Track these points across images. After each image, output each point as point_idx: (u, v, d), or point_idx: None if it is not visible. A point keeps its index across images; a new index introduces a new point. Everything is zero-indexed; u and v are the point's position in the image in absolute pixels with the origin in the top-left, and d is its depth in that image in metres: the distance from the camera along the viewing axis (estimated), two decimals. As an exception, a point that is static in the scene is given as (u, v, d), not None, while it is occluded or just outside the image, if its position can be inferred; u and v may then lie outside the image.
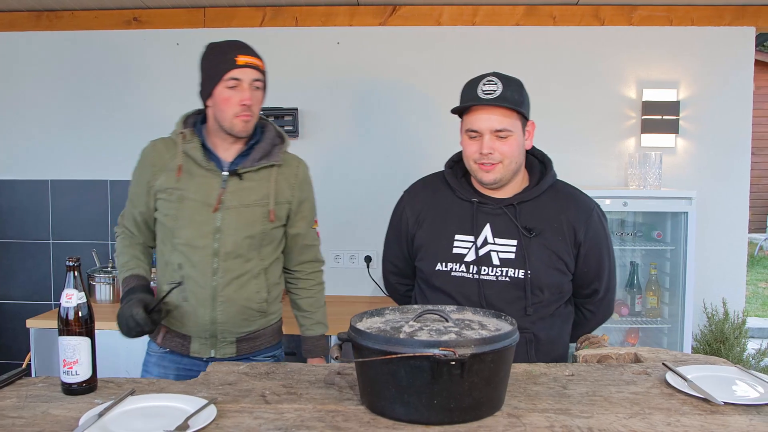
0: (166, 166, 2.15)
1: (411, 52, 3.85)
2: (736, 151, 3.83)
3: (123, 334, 2.06)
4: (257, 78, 2.09)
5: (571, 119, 3.84)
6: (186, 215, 2.13)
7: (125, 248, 2.26)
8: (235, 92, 2.05)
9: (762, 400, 1.53)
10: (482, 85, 1.91)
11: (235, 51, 2.06)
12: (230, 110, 2.06)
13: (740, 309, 3.75)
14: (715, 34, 3.79)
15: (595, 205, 2.07)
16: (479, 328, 1.51)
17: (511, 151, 1.94)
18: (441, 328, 1.49)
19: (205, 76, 2.12)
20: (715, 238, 3.79)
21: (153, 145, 2.22)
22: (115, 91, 3.90)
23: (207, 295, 2.15)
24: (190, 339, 2.21)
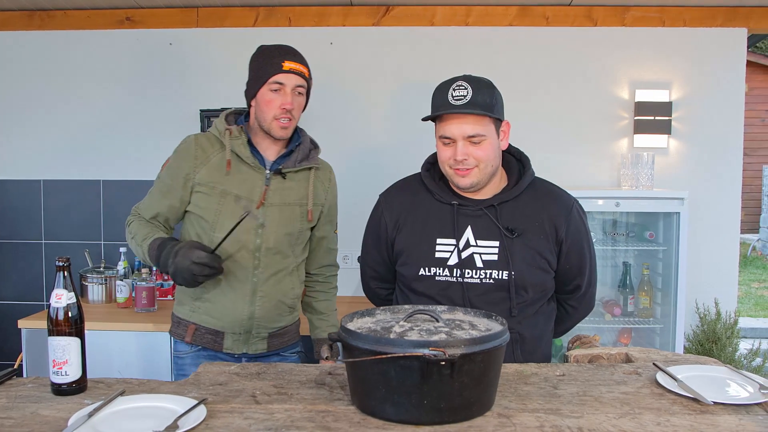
0: (208, 160, 2.19)
1: (404, 53, 3.85)
2: (728, 152, 3.84)
3: (188, 286, 2.09)
4: (300, 84, 2.16)
5: (564, 120, 3.84)
6: (229, 210, 2.17)
7: (141, 226, 2.24)
8: (278, 96, 2.13)
9: (751, 399, 1.53)
10: (452, 90, 1.91)
11: (283, 56, 2.14)
12: (271, 112, 2.14)
13: (732, 309, 3.77)
14: (707, 35, 3.80)
15: (574, 201, 2.07)
16: (470, 328, 1.51)
17: (485, 155, 1.92)
18: (431, 328, 1.49)
19: (252, 76, 2.20)
20: (708, 239, 3.80)
21: (195, 138, 2.24)
22: (107, 91, 3.89)
23: (247, 290, 2.23)
24: (223, 335, 2.25)
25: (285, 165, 2.24)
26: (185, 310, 2.30)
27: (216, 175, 2.18)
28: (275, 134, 2.18)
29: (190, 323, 2.27)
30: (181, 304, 2.32)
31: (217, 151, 2.20)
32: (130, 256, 3.72)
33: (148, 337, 3.22)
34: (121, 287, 3.51)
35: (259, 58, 2.20)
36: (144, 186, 3.84)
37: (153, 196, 2.28)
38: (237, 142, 2.19)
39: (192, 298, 2.27)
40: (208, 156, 2.20)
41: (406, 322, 1.54)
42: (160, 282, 3.62)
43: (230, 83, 3.83)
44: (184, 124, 3.84)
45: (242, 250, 2.20)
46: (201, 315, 2.26)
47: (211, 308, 2.24)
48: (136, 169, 3.89)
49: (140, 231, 2.21)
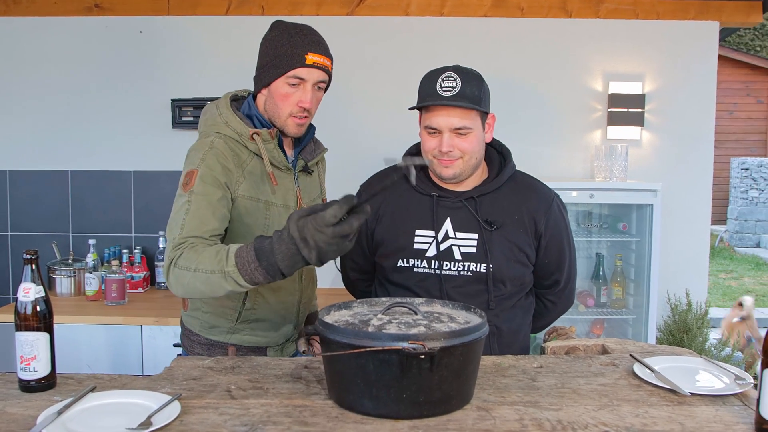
0: (244, 170, 1.88)
1: (378, 43, 3.82)
2: (699, 144, 3.88)
3: (336, 256, 1.52)
4: (322, 80, 1.90)
5: (538, 111, 3.85)
6: (276, 222, 1.93)
7: (199, 250, 1.68)
8: (296, 91, 1.87)
9: (727, 390, 1.54)
10: (441, 81, 1.86)
11: (306, 46, 1.85)
12: (286, 109, 1.89)
13: (703, 300, 3.82)
14: (680, 28, 3.83)
15: (554, 196, 2.06)
16: (448, 320, 1.50)
17: (471, 147, 1.91)
18: (410, 321, 1.47)
19: (267, 63, 1.90)
20: (679, 230, 3.84)
21: (224, 142, 1.87)
22: (76, 80, 3.80)
23: (295, 301, 2.06)
24: (266, 350, 2.05)
25: (305, 158, 2.05)
26: (220, 333, 2.01)
27: (255, 188, 1.90)
28: (289, 132, 1.92)
29: (230, 345, 2.01)
30: (211, 326, 2.02)
31: (248, 157, 1.90)
32: (99, 248, 3.65)
33: (118, 331, 3.16)
34: (91, 280, 3.44)
35: (277, 42, 1.88)
36: (114, 177, 3.81)
37: (200, 210, 1.76)
38: (270, 147, 1.91)
39: (231, 320, 1.99)
40: (243, 165, 1.88)
41: (384, 314, 1.52)
42: (130, 274, 3.56)
43: (202, 72, 3.77)
44: (155, 114, 3.78)
45: None
46: (243, 336, 2.01)
47: (257, 327, 2.01)
48: (105, 159, 3.81)
49: (202, 257, 1.64)
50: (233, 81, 3.78)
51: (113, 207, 3.83)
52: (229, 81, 3.75)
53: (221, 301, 1.97)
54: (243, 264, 1.54)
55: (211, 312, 2.01)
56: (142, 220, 3.82)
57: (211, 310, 2.01)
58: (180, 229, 1.73)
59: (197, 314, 2.04)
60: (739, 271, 8.88)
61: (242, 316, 1.98)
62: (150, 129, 3.80)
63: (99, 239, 3.70)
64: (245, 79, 3.73)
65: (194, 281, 1.62)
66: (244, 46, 3.80)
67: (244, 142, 1.89)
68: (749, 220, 10.26)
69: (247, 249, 1.55)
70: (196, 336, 2.05)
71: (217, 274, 1.58)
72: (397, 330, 1.40)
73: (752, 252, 9.84)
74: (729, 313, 4.32)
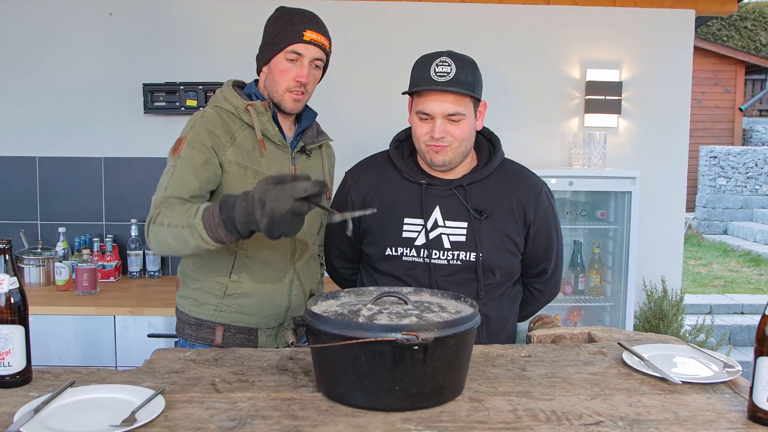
0: (234, 138, 1.96)
1: (355, 27, 3.76)
2: (675, 132, 3.90)
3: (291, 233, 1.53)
4: (319, 57, 1.98)
5: (516, 98, 3.83)
6: None
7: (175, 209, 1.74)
8: (294, 66, 1.95)
9: (717, 378, 1.54)
10: (435, 66, 1.82)
11: (304, 24, 1.94)
12: (284, 83, 1.96)
13: (678, 287, 3.85)
14: (656, 16, 3.83)
15: (543, 184, 2.04)
16: (440, 310, 1.47)
17: (462, 134, 1.87)
18: (401, 311, 1.44)
19: (267, 41, 1.99)
20: (655, 218, 3.86)
21: (216, 111, 1.98)
22: (43, 63, 3.68)
23: (286, 280, 2.06)
24: (257, 332, 2.05)
25: (306, 141, 2.09)
26: (208, 311, 2.02)
27: (244, 156, 1.95)
28: (286, 107, 1.99)
29: (217, 324, 2.01)
30: (199, 303, 2.03)
31: (240, 128, 1.97)
32: (69, 237, 3.55)
33: (91, 321, 3.08)
34: (61, 269, 3.34)
35: (277, 21, 1.97)
36: (84, 163, 3.70)
37: (183, 173, 1.85)
38: (263, 119, 1.98)
39: (218, 296, 2.01)
40: (233, 134, 1.96)
41: (374, 304, 1.48)
42: (101, 263, 3.47)
43: (175, 57, 3.68)
44: (126, 98, 3.67)
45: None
46: (230, 314, 2.01)
47: (244, 304, 2.01)
48: (74, 145, 3.70)
49: (175, 213, 1.72)
50: (206, 65, 3.73)
51: (83, 194, 3.72)
52: (202, 65, 3.69)
53: (209, 276, 2.01)
54: (208, 218, 1.62)
55: (199, 288, 2.03)
56: (114, 207, 3.72)
57: (199, 286, 2.03)
58: (164, 190, 1.83)
59: (187, 292, 2.06)
60: (707, 257, 9.01)
61: (228, 289, 2.00)
62: (121, 114, 3.70)
63: (69, 227, 3.60)
64: (220, 63, 3.68)
65: (166, 236, 1.72)
66: (219, 30, 3.73)
67: (239, 115, 1.98)
68: (717, 208, 10.42)
69: (215, 204, 1.63)
70: (185, 316, 2.06)
71: (185, 228, 1.66)
72: (389, 320, 1.36)
73: (720, 239, 9.99)
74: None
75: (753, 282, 7.68)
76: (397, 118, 2.38)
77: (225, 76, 3.60)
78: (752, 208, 10.35)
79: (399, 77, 2.00)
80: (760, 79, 13.32)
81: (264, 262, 2.01)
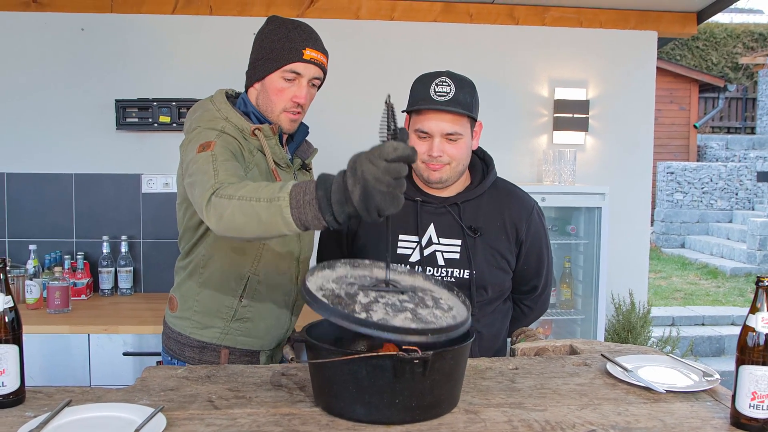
0: (248, 164, 1.85)
1: (328, 46, 3.78)
2: (639, 149, 4.02)
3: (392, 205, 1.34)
4: (318, 76, 1.92)
5: (486, 115, 3.81)
6: None
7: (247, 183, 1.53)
8: (291, 86, 1.87)
9: (698, 386, 1.60)
10: (435, 85, 1.87)
11: (305, 42, 1.86)
12: (280, 104, 1.88)
13: (644, 299, 3.95)
14: (620, 37, 3.96)
15: (534, 203, 2.09)
16: (433, 305, 1.43)
17: (459, 153, 1.91)
18: (396, 303, 1.38)
19: (262, 56, 1.88)
20: (622, 232, 3.96)
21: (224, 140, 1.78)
22: (12, 79, 3.63)
23: (290, 302, 2.04)
24: (258, 354, 2.02)
25: (302, 156, 2.05)
26: (214, 334, 1.96)
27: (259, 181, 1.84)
28: (283, 128, 1.92)
29: (222, 347, 1.96)
30: (203, 326, 1.97)
31: (250, 153, 1.86)
32: (40, 254, 3.49)
33: (63, 340, 3.03)
34: (31, 287, 3.29)
35: (273, 36, 1.87)
36: (54, 179, 3.65)
37: (228, 162, 1.67)
38: (272, 143, 1.89)
39: (225, 319, 1.95)
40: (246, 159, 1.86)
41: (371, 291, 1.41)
42: (73, 281, 3.42)
43: (148, 72, 3.66)
44: (98, 114, 3.64)
45: (287, 259, 1.98)
46: (237, 336, 1.97)
47: (251, 328, 1.97)
48: (44, 161, 3.65)
49: (248, 187, 1.49)
50: (179, 81, 3.72)
51: (53, 211, 3.67)
52: (175, 81, 3.68)
53: (217, 299, 1.95)
54: (298, 193, 1.38)
55: (203, 312, 1.97)
56: (84, 224, 3.67)
57: (203, 310, 1.97)
58: (213, 176, 1.60)
59: (188, 314, 1.99)
60: (667, 270, 9.22)
61: (238, 313, 1.96)
62: (92, 130, 3.67)
63: (39, 245, 3.54)
64: (193, 79, 3.67)
65: (235, 210, 1.46)
66: (191, 46, 3.72)
67: (246, 138, 1.86)
68: (674, 222, 10.69)
69: (309, 180, 1.42)
70: (185, 338, 1.99)
71: (263, 202, 1.41)
72: (384, 313, 1.31)
73: (678, 252, 10.25)
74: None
75: (711, 294, 7.89)
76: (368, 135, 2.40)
77: (199, 92, 3.63)
78: (708, 222, 10.65)
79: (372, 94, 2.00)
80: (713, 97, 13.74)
81: (273, 287, 1.98)
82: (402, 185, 1.33)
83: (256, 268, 1.95)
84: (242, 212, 1.44)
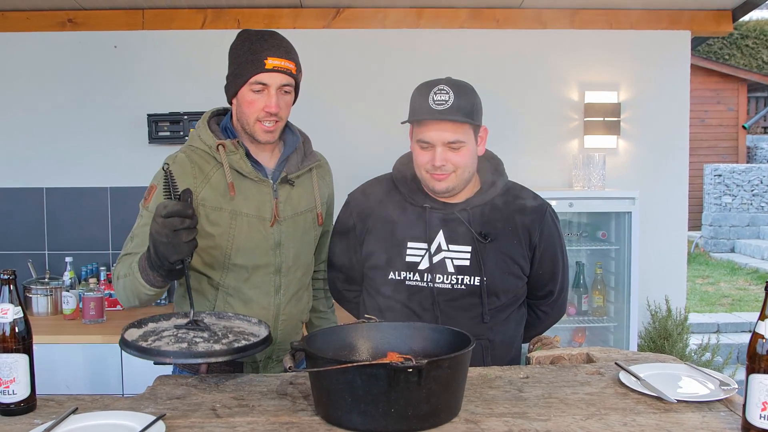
0: (208, 180, 1.91)
1: (356, 55, 3.83)
2: (675, 151, 3.93)
3: (179, 253, 1.61)
4: (286, 83, 1.90)
5: (515, 121, 3.87)
6: (244, 232, 1.93)
7: (126, 262, 1.82)
8: (261, 96, 1.88)
9: (712, 396, 1.55)
10: (433, 94, 1.82)
11: (266, 51, 1.86)
12: (253, 115, 1.90)
13: (682, 306, 3.85)
14: (652, 38, 3.89)
15: (547, 206, 2.04)
16: (217, 340, 1.60)
17: (464, 161, 1.87)
18: (185, 336, 1.58)
19: (232, 72, 1.93)
20: (657, 237, 3.88)
21: (187, 155, 1.93)
22: (50, 96, 3.75)
23: (270, 316, 2.01)
24: (242, 365, 2.02)
25: (289, 170, 2.01)
26: None
27: (219, 197, 1.91)
28: (259, 138, 1.93)
29: None
30: None
31: (213, 168, 1.92)
32: (76, 266, 3.59)
33: (97, 350, 3.12)
34: (68, 298, 3.38)
35: (239, 51, 1.90)
36: (90, 193, 3.75)
37: (146, 227, 1.78)
38: (235, 158, 1.92)
39: None
40: (207, 174, 1.91)
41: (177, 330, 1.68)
42: (108, 292, 3.50)
43: (178, 87, 3.75)
44: (131, 129, 3.74)
45: (260, 272, 1.98)
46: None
47: None
48: (80, 175, 3.77)
49: (124, 265, 1.82)
50: (209, 95, 3.76)
51: (90, 224, 3.78)
52: (206, 95, 3.73)
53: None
54: (141, 260, 1.71)
55: None
56: (120, 236, 3.76)
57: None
58: (128, 244, 1.89)
59: None
60: (715, 276, 8.97)
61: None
62: (126, 144, 3.77)
63: (76, 257, 3.65)
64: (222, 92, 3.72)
65: (120, 288, 1.82)
66: (221, 60, 3.77)
67: (213, 154, 1.93)
68: (723, 226, 10.40)
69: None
70: None
71: (129, 276, 1.75)
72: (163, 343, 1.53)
73: (727, 257, 9.96)
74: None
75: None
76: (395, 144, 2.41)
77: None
78: (759, 226, 10.32)
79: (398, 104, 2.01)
80: (763, 97, 13.34)
81: (246, 301, 1.98)
82: (181, 236, 1.59)
83: (224, 280, 1.97)
84: (124, 287, 1.80)
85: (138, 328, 1.72)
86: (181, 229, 1.59)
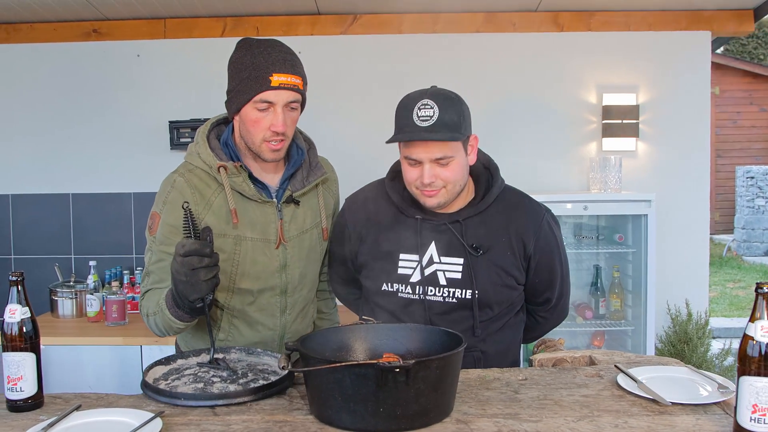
0: (210, 205, 1.83)
1: (373, 61, 3.86)
2: (695, 153, 3.88)
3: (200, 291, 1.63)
4: (293, 100, 1.80)
5: (533, 124, 3.86)
6: (248, 257, 1.87)
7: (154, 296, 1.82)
8: (266, 114, 1.78)
9: (709, 399, 1.55)
10: (417, 110, 1.75)
11: (271, 67, 1.75)
12: (259, 134, 1.80)
13: (703, 310, 3.80)
14: (671, 39, 3.85)
15: (545, 212, 1.98)
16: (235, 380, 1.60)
17: (453, 175, 1.81)
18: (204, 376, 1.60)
19: (234, 87, 1.81)
20: (677, 240, 3.83)
21: (186, 180, 1.83)
22: (75, 104, 3.86)
23: (276, 336, 1.98)
24: None
25: (294, 188, 1.92)
26: None
27: (222, 224, 1.83)
28: (266, 158, 1.83)
29: None
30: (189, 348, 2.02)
31: (215, 192, 1.84)
32: (100, 270, 3.68)
33: (120, 351, 3.20)
34: (92, 301, 3.47)
35: (240, 64, 1.79)
36: (115, 199, 3.85)
37: (163, 263, 1.82)
38: (237, 180, 1.83)
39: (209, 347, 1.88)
40: (208, 200, 1.83)
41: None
42: (131, 295, 3.58)
43: (199, 94, 3.82)
44: (153, 136, 3.83)
45: (266, 294, 1.93)
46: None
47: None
48: (105, 181, 3.87)
49: (150, 302, 1.81)
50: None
51: (114, 228, 3.87)
52: (225, 102, 3.82)
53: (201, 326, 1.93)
54: (168, 297, 1.73)
55: (193, 334, 2.01)
56: (143, 241, 3.81)
57: (193, 332, 2.00)
58: (146, 279, 1.89)
59: (186, 336, 2.05)
60: (747, 280, 8.81)
61: (217, 344, 1.92)
62: (148, 151, 3.85)
63: (100, 261, 3.74)
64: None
65: (152, 325, 1.84)
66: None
67: (214, 174, 1.84)
68: (756, 229, 10.20)
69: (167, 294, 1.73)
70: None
71: (159, 314, 1.77)
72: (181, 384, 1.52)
73: (760, 261, 9.76)
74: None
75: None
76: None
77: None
78: (794, 229, 10.13)
79: None
80: (799, 97, 13.08)
81: (251, 323, 1.95)
82: (199, 275, 1.61)
83: (230, 303, 1.93)
84: (156, 325, 1.83)
85: (165, 365, 1.76)
86: (199, 268, 1.59)
